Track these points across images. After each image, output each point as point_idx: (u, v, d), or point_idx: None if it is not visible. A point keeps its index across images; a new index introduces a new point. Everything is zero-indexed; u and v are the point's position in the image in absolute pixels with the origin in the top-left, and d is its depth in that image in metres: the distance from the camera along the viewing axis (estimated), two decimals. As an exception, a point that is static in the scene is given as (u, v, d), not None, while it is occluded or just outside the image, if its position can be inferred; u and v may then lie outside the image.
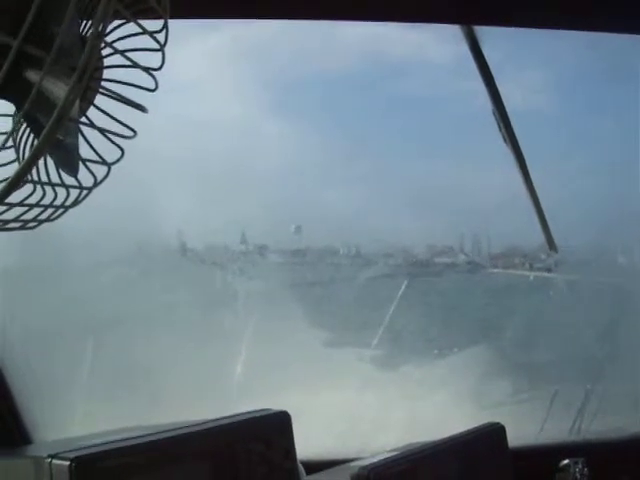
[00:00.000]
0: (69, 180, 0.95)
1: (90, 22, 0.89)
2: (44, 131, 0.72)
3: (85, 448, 1.28)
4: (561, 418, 2.81)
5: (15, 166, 0.98)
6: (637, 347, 2.87)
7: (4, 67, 0.74)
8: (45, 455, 1.28)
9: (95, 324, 2.66)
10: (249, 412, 1.63)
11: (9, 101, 0.91)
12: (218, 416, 1.57)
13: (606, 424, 2.80)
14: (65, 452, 1.25)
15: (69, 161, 0.87)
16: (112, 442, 1.34)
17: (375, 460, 1.70)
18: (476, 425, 2.00)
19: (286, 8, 1.78)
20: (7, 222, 0.92)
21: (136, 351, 2.71)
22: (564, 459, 2.25)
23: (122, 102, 0.84)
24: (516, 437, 2.25)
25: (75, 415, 2.40)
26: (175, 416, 1.63)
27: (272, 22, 1.91)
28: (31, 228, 0.93)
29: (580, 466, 2.25)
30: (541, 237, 2.56)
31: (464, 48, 2.06)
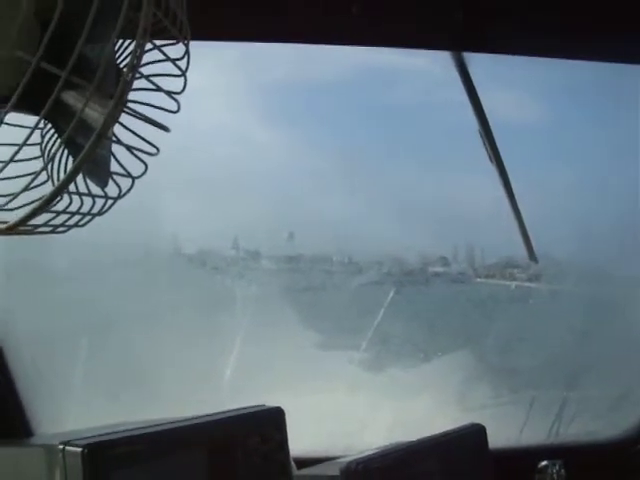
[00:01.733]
0: (94, 189, 1.05)
1: (122, 48, 1.00)
2: (83, 152, 0.81)
3: (96, 436, 1.37)
4: (540, 421, 2.90)
5: (36, 163, 1.07)
6: (613, 354, 2.96)
7: (52, 97, 0.82)
8: (57, 442, 1.37)
9: (95, 324, 2.73)
10: (245, 407, 1.72)
11: (38, 116, 1.00)
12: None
13: (583, 428, 2.89)
14: (77, 439, 1.34)
15: (99, 174, 0.97)
16: (120, 432, 1.43)
17: (363, 456, 1.81)
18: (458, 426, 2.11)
19: (283, 32, 1.88)
20: (38, 226, 1.02)
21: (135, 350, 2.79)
22: (543, 461, 2.34)
23: (148, 123, 0.93)
24: (497, 439, 2.34)
25: (75, 411, 2.48)
26: (170, 413, 1.70)
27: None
28: (61, 232, 1.02)
29: (557, 468, 2.33)
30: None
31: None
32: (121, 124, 0.98)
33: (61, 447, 1.34)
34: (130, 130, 0.96)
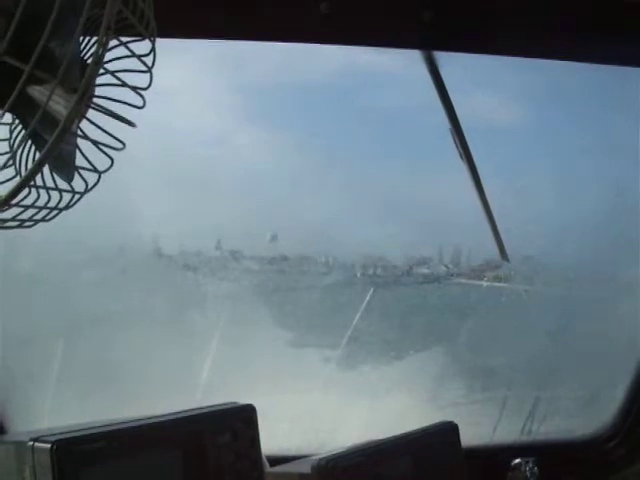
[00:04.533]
0: (61, 184, 1.05)
1: (86, 42, 1.00)
2: (47, 145, 0.82)
3: (65, 433, 1.37)
4: (513, 419, 2.93)
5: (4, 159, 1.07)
6: (586, 353, 3.00)
7: (15, 92, 0.83)
8: (27, 439, 1.37)
9: (69, 323, 2.72)
10: (217, 405, 1.73)
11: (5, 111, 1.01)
12: (186, 412, 1.66)
13: (556, 426, 2.92)
14: (46, 436, 1.34)
15: (65, 168, 0.97)
16: (90, 428, 1.43)
17: (334, 453, 1.82)
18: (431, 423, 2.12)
19: (251, 30, 1.89)
20: (5, 221, 1.03)
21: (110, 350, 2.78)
22: (516, 458, 2.35)
23: (113, 117, 0.94)
24: (470, 436, 2.37)
25: (47, 410, 2.47)
26: (144, 413, 1.70)
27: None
28: (28, 227, 1.03)
29: (531, 465, 2.34)
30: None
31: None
32: (87, 119, 0.99)
33: (31, 443, 1.34)
34: (95, 124, 0.97)
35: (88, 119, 0.98)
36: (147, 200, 3.07)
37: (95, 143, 0.95)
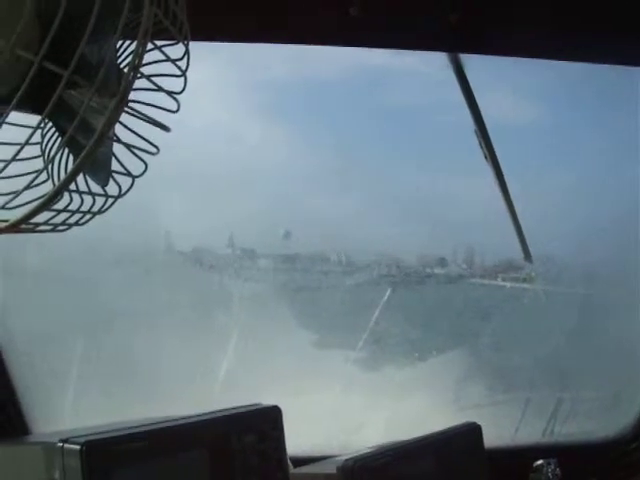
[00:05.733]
0: (95, 188, 1.05)
1: (123, 48, 1.00)
2: (85, 151, 0.82)
3: (94, 434, 1.38)
4: (535, 420, 2.92)
5: (36, 162, 1.08)
6: (607, 354, 2.98)
7: (55, 96, 0.82)
8: (55, 440, 1.37)
9: (91, 322, 2.73)
10: (242, 406, 1.73)
11: (40, 115, 1.01)
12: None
13: (578, 427, 2.91)
14: (76, 437, 1.35)
15: (101, 173, 0.97)
16: (118, 430, 1.44)
17: (360, 454, 1.82)
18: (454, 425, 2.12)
19: (281, 33, 1.89)
20: (38, 225, 1.03)
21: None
22: (538, 460, 2.35)
23: (149, 122, 0.94)
24: (492, 438, 2.36)
25: (71, 409, 2.48)
26: (166, 411, 1.71)
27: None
28: (61, 231, 1.03)
29: (552, 467, 2.34)
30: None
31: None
32: (122, 123, 0.99)
33: (60, 445, 1.34)
34: (131, 130, 0.97)
35: (122, 123, 0.98)
36: (163, 198, 3.08)
37: (129, 147, 0.95)
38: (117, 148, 1.00)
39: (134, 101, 0.96)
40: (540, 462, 2.35)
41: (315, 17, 1.84)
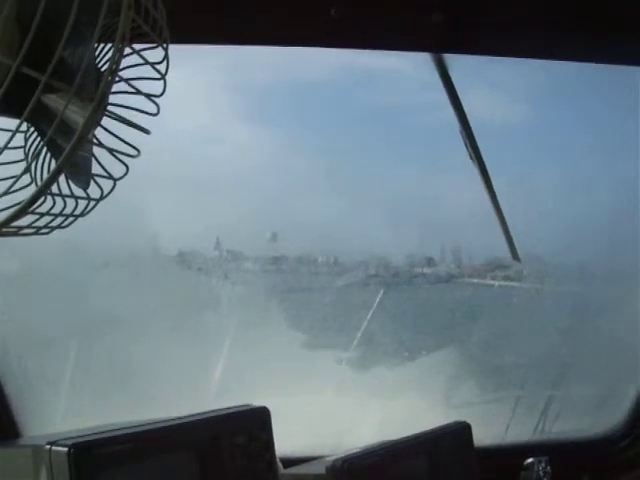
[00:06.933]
0: (77, 191, 1.06)
1: (102, 52, 1.01)
2: (64, 154, 0.83)
3: (82, 436, 1.39)
4: (526, 419, 2.93)
5: (20, 166, 1.08)
6: (598, 352, 2.99)
7: (32, 100, 0.83)
8: (44, 443, 1.38)
9: (82, 325, 2.74)
10: (231, 407, 1.74)
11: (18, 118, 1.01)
12: (199, 415, 1.67)
13: (568, 425, 2.92)
14: (63, 439, 1.35)
15: (81, 176, 0.98)
16: (107, 431, 1.44)
17: (348, 454, 1.82)
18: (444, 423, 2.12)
19: (264, 35, 1.90)
20: (21, 228, 1.04)
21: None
22: (528, 458, 2.34)
23: (129, 125, 0.95)
24: (483, 436, 2.36)
25: (63, 412, 2.48)
26: (158, 414, 1.71)
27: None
28: (44, 234, 1.03)
29: (543, 465, 2.34)
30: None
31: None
32: (102, 126, 1.00)
33: (48, 447, 1.35)
34: (111, 132, 0.98)
35: (103, 127, 0.99)
36: (150, 201, 3.07)
37: (110, 150, 0.96)
38: (98, 151, 1.01)
39: (114, 104, 0.97)
40: (531, 460, 2.35)
41: (296, 19, 1.85)
